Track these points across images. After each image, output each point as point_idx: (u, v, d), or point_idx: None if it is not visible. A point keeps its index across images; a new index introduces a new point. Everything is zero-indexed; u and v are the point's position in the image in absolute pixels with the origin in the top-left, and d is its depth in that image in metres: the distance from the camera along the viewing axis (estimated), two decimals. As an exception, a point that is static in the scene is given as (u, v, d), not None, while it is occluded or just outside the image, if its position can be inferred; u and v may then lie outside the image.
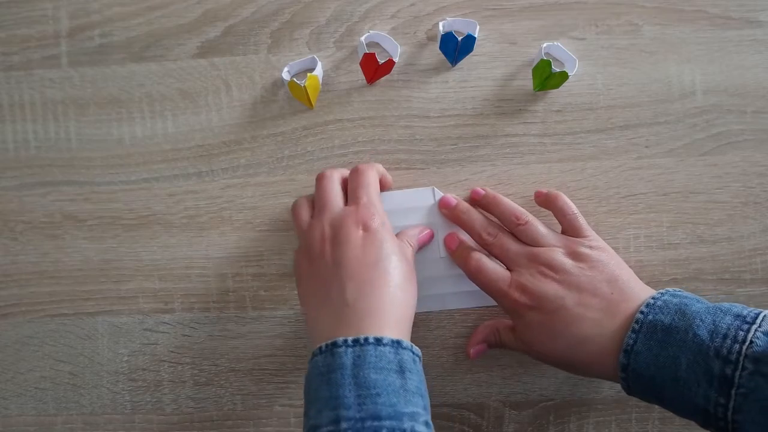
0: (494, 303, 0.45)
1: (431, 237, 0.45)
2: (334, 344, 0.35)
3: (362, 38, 0.46)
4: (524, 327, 0.41)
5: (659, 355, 0.36)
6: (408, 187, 0.47)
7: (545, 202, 0.45)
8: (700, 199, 0.46)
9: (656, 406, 0.46)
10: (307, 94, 0.45)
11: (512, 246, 0.42)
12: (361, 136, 0.47)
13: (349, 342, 0.35)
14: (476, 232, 0.44)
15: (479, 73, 0.47)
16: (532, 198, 0.46)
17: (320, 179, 0.44)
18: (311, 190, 0.47)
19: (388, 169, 0.47)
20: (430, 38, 0.47)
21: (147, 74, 0.48)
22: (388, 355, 0.34)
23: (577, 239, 0.42)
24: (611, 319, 0.38)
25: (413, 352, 0.36)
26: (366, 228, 0.40)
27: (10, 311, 0.48)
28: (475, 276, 0.43)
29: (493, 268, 0.42)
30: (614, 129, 0.47)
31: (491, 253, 0.43)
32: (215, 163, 0.48)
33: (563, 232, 0.44)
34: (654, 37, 0.47)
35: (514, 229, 0.43)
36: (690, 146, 0.46)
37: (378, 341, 0.35)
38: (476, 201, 0.46)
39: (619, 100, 0.47)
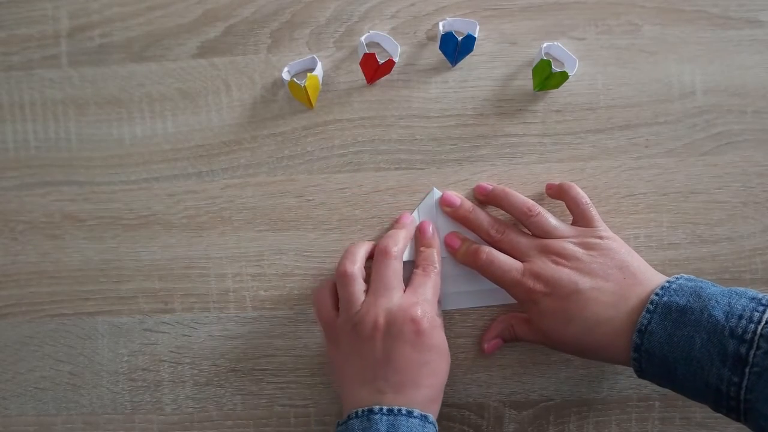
0: (493, 303, 0.45)
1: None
2: (371, 411, 0.38)
3: (362, 38, 0.46)
4: (539, 315, 0.41)
5: (673, 335, 0.36)
6: (407, 186, 0.47)
7: (558, 192, 0.45)
8: (700, 199, 0.46)
9: (656, 406, 0.46)
10: (307, 94, 0.45)
11: (522, 239, 0.43)
12: (361, 136, 0.47)
13: (385, 411, 0.38)
14: (484, 230, 0.44)
15: (479, 73, 0.47)
16: (536, 197, 0.46)
17: (381, 254, 0.43)
18: (311, 190, 0.47)
19: (387, 169, 0.47)
20: (430, 38, 0.47)
21: (147, 74, 0.48)
22: (417, 427, 0.38)
23: (588, 229, 0.43)
24: (625, 302, 0.39)
25: (435, 427, 0.39)
26: (419, 328, 0.40)
27: (10, 311, 0.48)
28: (488, 268, 0.43)
29: (506, 258, 0.43)
30: (614, 129, 0.47)
31: (501, 250, 0.44)
32: (215, 163, 0.48)
33: (574, 223, 0.44)
34: (654, 37, 0.47)
35: (526, 220, 0.43)
36: (690, 146, 0.46)
37: (410, 413, 0.38)
38: (484, 196, 0.46)
39: (619, 100, 0.47)
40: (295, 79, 0.46)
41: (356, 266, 0.43)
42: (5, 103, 0.48)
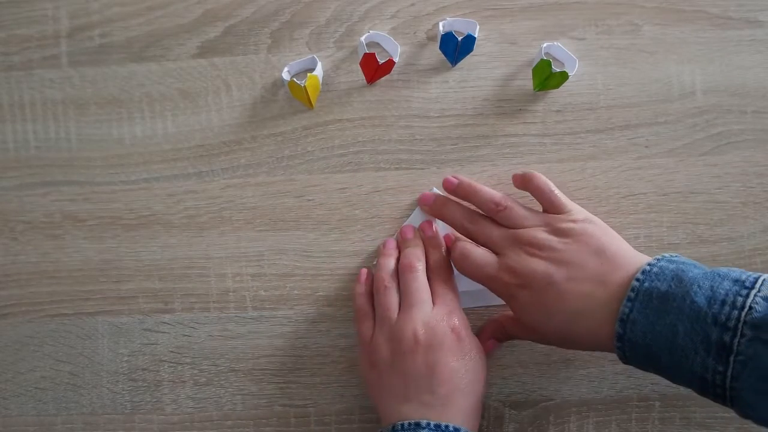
0: (486, 303, 0.46)
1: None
2: (418, 425, 0.38)
3: (362, 38, 0.46)
4: (519, 308, 0.41)
5: (656, 323, 0.36)
6: (408, 186, 0.47)
7: (522, 183, 0.45)
8: (700, 199, 0.46)
9: (656, 406, 0.46)
10: (307, 94, 0.45)
11: (494, 231, 0.42)
12: (361, 136, 0.47)
13: (432, 426, 0.38)
14: (458, 223, 0.44)
15: (479, 73, 0.47)
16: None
17: (408, 271, 0.43)
18: (311, 190, 0.47)
19: (387, 169, 0.47)
20: (430, 38, 0.47)
21: (147, 74, 0.48)
22: None
23: (559, 216, 0.42)
24: (604, 290, 0.38)
25: None
26: (458, 335, 0.41)
27: (10, 311, 0.48)
28: (462, 263, 0.43)
29: (480, 253, 0.42)
30: (614, 129, 0.47)
31: (476, 242, 0.43)
32: (215, 163, 0.48)
33: (545, 211, 0.43)
34: (654, 37, 0.47)
35: (495, 215, 0.43)
36: (690, 146, 0.46)
37: (456, 430, 0.38)
38: (451, 191, 0.45)
39: (619, 100, 0.47)
40: (295, 79, 0.46)
41: (391, 277, 0.44)
42: (5, 103, 0.48)
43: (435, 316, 0.41)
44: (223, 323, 0.48)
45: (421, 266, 0.43)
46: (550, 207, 0.43)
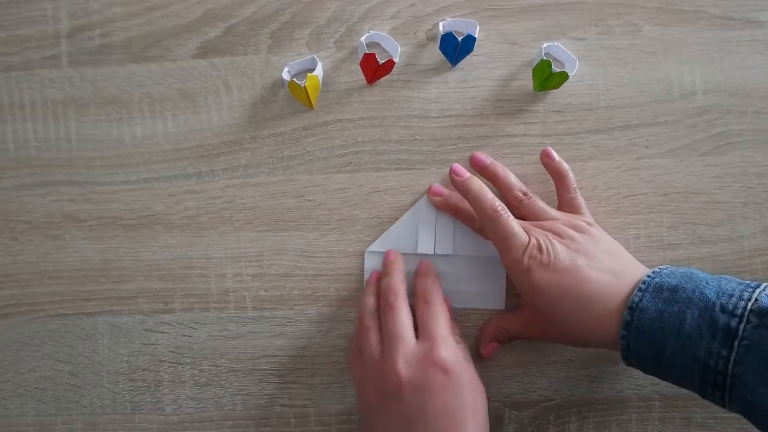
0: (485, 306, 0.45)
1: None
2: None
3: (362, 38, 0.46)
4: (531, 289, 0.40)
5: (664, 311, 0.37)
6: (408, 186, 0.47)
7: (552, 170, 0.45)
8: (700, 199, 0.46)
9: (656, 406, 0.46)
10: (307, 94, 0.45)
11: (520, 220, 0.42)
12: (361, 136, 0.47)
13: None
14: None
15: (479, 73, 0.47)
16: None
17: (385, 308, 0.42)
18: (311, 190, 0.47)
19: (387, 169, 0.47)
20: (430, 38, 0.47)
21: (147, 74, 0.48)
22: None
23: (576, 215, 0.44)
24: (617, 281, 0.39)
25: None
26: (445, 370, 0.39)
27: (10, 311, 0.48)
28: (496, 224, 0.41)
29: (516, 224, 0.41)
30: (614, 129, 0.47)
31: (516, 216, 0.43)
32: (215, 163, 0.48)
33: (560, 209, 0.44)
34: (654, 37, 0.47)
35: (519, 203, 0.44)
36: (690, 146, 0.46)
37: None
38: (480, 168, 0.46)
39: (619, 100, 0.47)
40: (295, 79, 0.46)
41: (372, 316, 0.43)
42: (5, 103, 0.48)
43: (417, 353, 0.40)
44: (223, 323, 0.48)
45: (399, 300, 0.42)
46: (569, 207, 0.44)
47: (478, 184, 0.43)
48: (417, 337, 0.41)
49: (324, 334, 0.47)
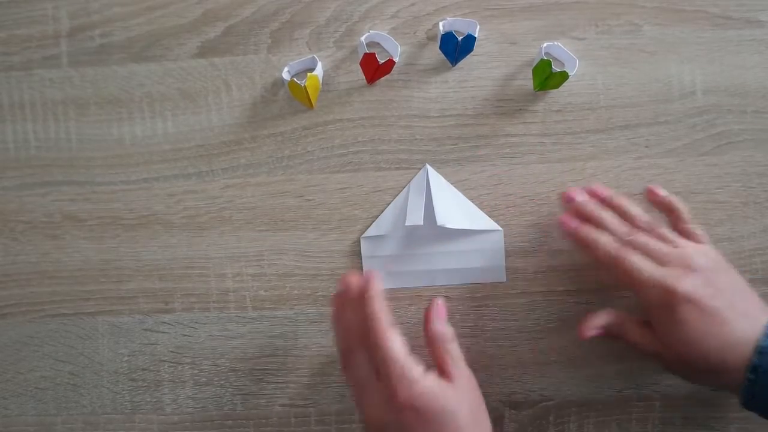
0: (485, 280, 0.45)
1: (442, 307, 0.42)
2: None
3: (362, 38, 0.46)
4: (672, 323, 0.39)
5: None
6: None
7: (662, 205, 0.44)
8: (700, 199, 0.46)
9: (657, 406, 0.46)
10: (307, 94, 0.45)
11: (658, 243, 0.41)
12: (361, 136, 0.47)
13: None
14: (615, 228, 0.42)
15: (479, 73, 0.47)
16: (536, 197, 0.46)
17: (345, 368, 0.41)
18: (311, 190, 0.47)
19: (387, 169, 0.47)
20: (430, 38, 0.47)
21: (147, 74, 0.48)
22: None
23: (700, 245, 0.42)
24: (753, 324, 0.38)
25: None
26: (415, 409, 0.36)
27: (10, 311, 0.48)
28: (629, 270, 0.40)
29: (644, 260, 0.40)
30: (614, 129, 0.47)
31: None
32: (215, 163, 0.48)
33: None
34: (654, 37, 0.47)
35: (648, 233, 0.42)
36: (690, 146, 0.46)
37: None
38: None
39: (619, 100, 0.47)
40: (295, 79, 0.46)
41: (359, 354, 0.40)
42: (5, 103, 0.48)
43: (385, 399, 0.37)
44: (223, 323, 0.48)
45: (360, 356, 0.39)
46: (686, 235, 0.42)
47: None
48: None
49: (324, 334, 0.47)
